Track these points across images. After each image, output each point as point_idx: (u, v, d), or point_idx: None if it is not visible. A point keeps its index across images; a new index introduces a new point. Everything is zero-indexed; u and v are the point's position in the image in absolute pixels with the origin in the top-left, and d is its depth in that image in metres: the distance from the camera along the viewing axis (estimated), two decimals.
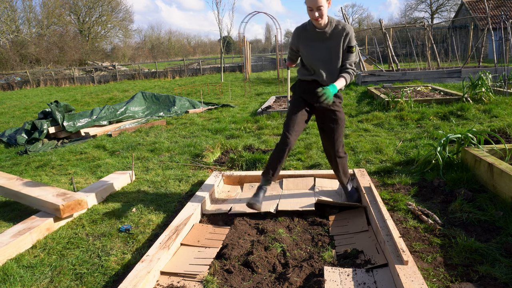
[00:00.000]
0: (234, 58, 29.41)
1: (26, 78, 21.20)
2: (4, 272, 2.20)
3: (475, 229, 2.34)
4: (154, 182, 3.68)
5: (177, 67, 24.21)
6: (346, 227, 2.54)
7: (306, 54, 2.56)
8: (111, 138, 5.88)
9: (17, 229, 2.59)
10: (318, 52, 2.50)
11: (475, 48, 13.94)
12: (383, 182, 3.30)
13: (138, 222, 2.80)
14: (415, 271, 1.82)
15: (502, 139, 3.32)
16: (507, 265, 1.93)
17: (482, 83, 6.29)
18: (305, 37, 2.54)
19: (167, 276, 2.08)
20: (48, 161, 4.70)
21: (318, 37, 2.49)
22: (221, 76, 17.08)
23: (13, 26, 30.77)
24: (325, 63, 2.52)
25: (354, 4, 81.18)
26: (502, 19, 8.54)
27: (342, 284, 1.87)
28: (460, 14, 26.95)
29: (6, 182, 3.28)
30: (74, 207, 2.81)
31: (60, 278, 2.13)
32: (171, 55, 47.94)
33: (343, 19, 13.15)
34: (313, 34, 2.50)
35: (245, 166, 3.92)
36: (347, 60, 2.53)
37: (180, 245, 2.39)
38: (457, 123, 5.16)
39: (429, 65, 12.82)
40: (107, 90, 15.61)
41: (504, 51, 9.17)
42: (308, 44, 2.53)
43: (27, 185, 3.21)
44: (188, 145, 5.01)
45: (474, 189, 2.88)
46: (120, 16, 40.08)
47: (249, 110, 7.75)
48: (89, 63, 28.67)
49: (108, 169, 4.24)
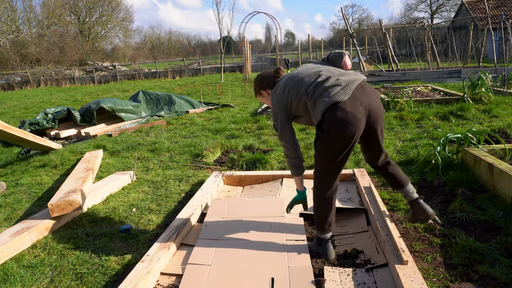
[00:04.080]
0: (234, 58, 29.43)
1: (26, 78, 21.20)
2: (4, 272, 2.20)
3: (475, 229, 2.35)
4: (154, 182, 3.68)
5: (177, 67, 24.22)
6: (346, 227, 2.55)
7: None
8: (111, 138, 5.88)
9: (16, 229, 2.59)
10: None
11: (475, 48, 13.95)
12: (383, 182, 3.30)
13: (138, 222, 2.80)
14: (415, 271, 1.82)
15: (502, 139, 3.33)
16: (507, 265, 1.93)
17: (482, 83, 6.29)
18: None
19: (167, 276, 2.08)
20: (48, 161, 4.70)
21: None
22: (221, 76, 17.08)
23: (13, 26, 30.78)
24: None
25: (354, 4, 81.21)
26: (502, 19, 8.54)
27: (342, 284, 1.88)
28: (460, 14, 26.95)
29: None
30: (64, 207, 2.76)
31: (60, 278, 2.13)
32: (171, 55, 47.98)
33: (343, 19, 13.17)
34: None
35: (245, 166, 3.92)
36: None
37: (180, 245, 2.39)
38: (457, 123, 5.17)
39: (429, 65, 12.82)
40: (107, 90, 15.62)
41: (504, 51, 9.17)
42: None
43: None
44: (188, 145, 5.02)
45: (474, 189, 2.88)
46: (120, 16, 40.14)
47: (249, 110, 7.76)
48: (90, 63, 28.68)
49: (108, 169, 4.24)
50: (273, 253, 2.12)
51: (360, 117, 1.89)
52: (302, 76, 2.07)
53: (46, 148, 5.07)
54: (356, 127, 1.88)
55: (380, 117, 2.03)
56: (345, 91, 1.89)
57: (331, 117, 1.87)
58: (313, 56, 22.72)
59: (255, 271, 1.96)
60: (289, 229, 2.37)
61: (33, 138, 4.70)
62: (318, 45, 29.81)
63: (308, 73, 2.06)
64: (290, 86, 2.08)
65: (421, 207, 2.21)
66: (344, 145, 1.92)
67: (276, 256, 2.08)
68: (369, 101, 1.94)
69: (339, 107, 1.86)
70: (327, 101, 1.88)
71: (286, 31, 73.46)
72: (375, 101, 1.99)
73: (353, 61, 18.96)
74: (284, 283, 1.84)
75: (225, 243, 2.25)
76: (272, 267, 1.98)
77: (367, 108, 1.93)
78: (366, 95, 1.95)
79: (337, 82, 1.94)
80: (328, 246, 2.14)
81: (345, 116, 1.85)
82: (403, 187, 2.24)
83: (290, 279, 1.87)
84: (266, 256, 2.09)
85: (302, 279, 1.87)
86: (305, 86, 2.01)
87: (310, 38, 19.55)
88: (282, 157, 4.25)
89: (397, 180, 2.23)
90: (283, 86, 2.12)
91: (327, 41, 40.07)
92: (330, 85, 1.93)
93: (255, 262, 2.04)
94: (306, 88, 2.00)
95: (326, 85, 1.94)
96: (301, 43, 28.20)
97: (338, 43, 36.28)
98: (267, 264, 2.02)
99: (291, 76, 2.13)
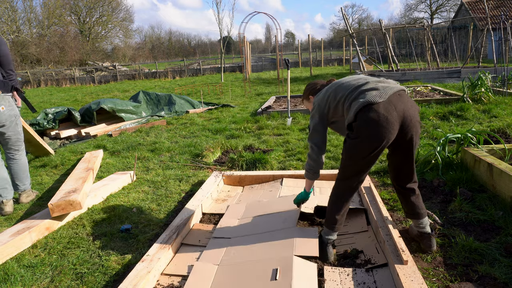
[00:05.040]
0: (234, 58, 29.43)
1: (26, 78, 21.21)
2: (4, 272, 2.20)
3: (475, 229, 2.35)
4: (154, 182, 3.69)
5: (178, 67, 24.24)
6: (346, 227, 2.55)
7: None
8: (112, 138, 5.89)
9: (16, 229, 2.60)
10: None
11: (475, 48, 13.96)
12: (383, 182, 3.31)
13: (138, 222, 2.80)
14: (415, 271, 1.82)
15: (501, 139, 3.33)
16: (506, 265, 1.93)
17: (481, 83, 6.30)
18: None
19: (167, 275, 2.08)
20: (49, 160, 4.70)
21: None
22: (221, 76, 17.09)
23: (13, 27, 30.77)
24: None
25: (354, 4, 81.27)
26: (502, 19, 8.54)
27: (342, 284, 1.88)
28: (459, 15, 26.95)
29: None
30: (64, 207, 2.77)
31: (60, 277, 2.13)
32: (172, 55, 48.00)
33: (343, 19, 13.17)
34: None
35: (245, 166, 3.93)
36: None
37: (180, 245, 2.39)
38: (456, 123, 5.17)
39: (429, 65, 12.82)
40: (107, 90, 15.62)
41: (504, 51, 9.18)
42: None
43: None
44: (188, 145, 5.02)
45: (473, 189, 2.88)
46: (121, 16, 40.16)
47: (249, 110, 7.76)
48: (90, 63, 28.68)
49: (108, 169, 4.24)
50: (282, 244, 2.14)
51: (392, 121, 1.85)
52: (343, 82, 2.12)
53: (44, 151, 4.96)
54: (387, 131, 1.85)
55: (415, 126, 1.93)
56: (381, 95, 1.88)
57: (362, 117, 1.87)
58: (313, 56, 22.72)
59: (262, 264, 1.96)
60: (302, 232, 2.34)
61: (38, 139, 4.63)
62: (318, 45, 29.84)
63: (349, 80, 2.11)
64: (331, 90, 2.13)
65: (429, 241, 2.13)
66: (373, 147, 1.89)
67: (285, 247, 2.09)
68: (404, 107, 1.90)
69: (373, 108, 1.85)
70: (362, 101, 1.88)
71: (286, 31, 73.51)
72: (411, 109, 1.93)
73: (353, 61, 18.98)
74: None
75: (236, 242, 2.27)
76: (280, 257, 1.98)
77: (401, 115, 1.89)
78: (402, 102, 1.92)
79: (375, 86, 1.95)
80: (328, 249, 2.14)
81: (377, 117, 1.83)
82: (418, 219, 2.15)
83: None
84: (275, 248, 2.10)
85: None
86: (344, 90, 2.05)
87: (310, 38, 19.54)
88: (282, 157, 4.26)
89: (416, 211, 2.14)
90: (326, 90, 2.18)
91: (327, 41, 40.10)
92: (368, 89, 1.95)
93: (263, 256, 2.05)
94: (344, 92, 2.04)
95: (363, 89, 1.96)
96: (301, 43, 28.24)
97: (338, 43, 36.30)
98: (275, 255, 2.03)
99: (335, 83, 2.19)
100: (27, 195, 3.45)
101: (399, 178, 2.13)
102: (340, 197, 2.11)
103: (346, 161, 2.04)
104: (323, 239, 2.17)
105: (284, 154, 4.41)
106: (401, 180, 2.13)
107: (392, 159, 2.11)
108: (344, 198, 2.10)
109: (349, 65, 20.40)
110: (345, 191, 2.09)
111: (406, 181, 2.12)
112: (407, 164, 2.06)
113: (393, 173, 2.16)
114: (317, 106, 2.17)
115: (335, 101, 2.07)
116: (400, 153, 2.04)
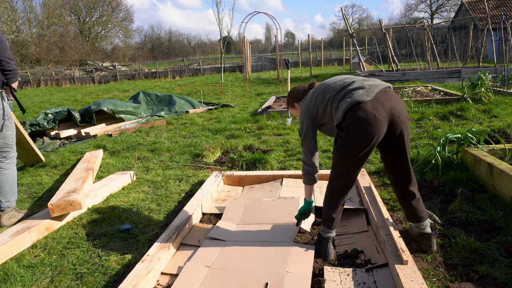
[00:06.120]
0: (234, 58, 29.43)
1: (26, 78, 21.20)
2: (4, 272, 2.20)
3: (475, 229, 2.35)
4: (154, 182, 3.69)
5: (178, 67, 24.23)
6: (346, 227, 2.55)
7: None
8: (112, 138, 5.88)
9: (16, 229, 2.59)
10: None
11: (475, 48, 13.95)
12: (383, 182, 3.30)
13: (138, 222, 2.80)
14: (415, 271, 1.82)
15: (501, 139, 3.33)
16: (506, 265, 1.93)
17: (481, 83, 6.30)
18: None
19: (167, 276, 2.08)
20: (49, 160, 4.70)
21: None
22: (221, 76, 17.09)
23: (13, 26, 30.75)
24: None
25: (354, 4, 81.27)
26: (502, 19, 8.54)
27: (342, 284, 1.88)
28: (460, 14, 26.95)
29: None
30: (64, 207, 2.76)
31: (60, 277, 2.13)
32: (172, 55, 47.98)
33: (343, 19, 13.17)
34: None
35: (245, 166, 3.93)
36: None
37: (180, 245, 2.39)
38: (456, 123, 5.17)
39: (429, 65, 12.82)
40: (107, 90, 15.62)
41: (504, 51, 9.17)
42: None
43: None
44: (188, 145, 5.02)
45: (473, 189, 2.88)
46: (120, 16, 40.17)
47: (249, 110, 7.76)
48: (90, 63, 28.69)
49: (108, 169, 4.24)
50: (276, 258, 2.11)
51: (381, 118, 1.87)
52: (329, 84, 2.11)
53: (36, 158, 4.51)
54: (376, 128, 1.87)
55: (403, 122, 1.94)
56: (368, 93, 1.90)
57: (351, 117, 1.88)
58: (313, 56, 22.72)
59: (254, 275, 1.96)
60: (299, 249, 2.28)
61: (32, 144, 4.29)
62: (318, 45, 29.84)
63: (334, 81, 2.11)
64: (317, 93, 2.13)
65: (429, 242, 2.13)
66: (362, 145, 1.90)
67: (278, 261, 2.07)
68: (391, 104, 1.92)
69: (360, 107, 1.86)
70: (349, 101, 1.89)
71: (286, 31, 73.55)
72: (398, 105, 1.95)
73: (353, 61, 18.97)
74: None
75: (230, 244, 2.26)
76: (272, 271, 1.97)
77: (389, 112, 1.90)
78: (389, 99, 1.93)
79: (361, 85, 1.96)
80: (329, 246, 2.15)
81: (365, 116, 1.85)
82: (419, 222, 2.13)
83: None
84: (269, 260, 2.08)
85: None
86: (331, 91, 2.05)
87: (310, 38, 19.53)
88: (282, 157, 4.26)
89: (417, 214, 2.13)
90: (312, 94, 2.18)
91: (327, 41, 40.11)
92: (354, 88, 1.96)
93: (256, 266, 2.04)
94: (331, 93, 2.04)
95: (350, 88, 1.97)
96: (301, 43, 28.24)
97: (338, 43, 36.30)
98: (268, 267, 2.01)
99: (320, 85, 2.18)
100: (9, 216, 2.86)
101: (397, 180, 2.13)
102: (334, 195, 2.12)
103: (337, 160, 2.05)
104: (322, 237, 2.17)
105: (284, 154, 4.41)
106: (400, 182, 2.12)
107: (387, 160, 2.11)
108: (339, 196, 2.12)
109: (349, 65, 20.40)
110: (339, 189, 2.11)
111: (405, 183, 2.11)
112: (402, 163, 2.06)
113: (391, 176, 2.16)
114: (305, 111, 2.17)
115: (323, 103, 2.07)
116: (394, 152, 2.05)
